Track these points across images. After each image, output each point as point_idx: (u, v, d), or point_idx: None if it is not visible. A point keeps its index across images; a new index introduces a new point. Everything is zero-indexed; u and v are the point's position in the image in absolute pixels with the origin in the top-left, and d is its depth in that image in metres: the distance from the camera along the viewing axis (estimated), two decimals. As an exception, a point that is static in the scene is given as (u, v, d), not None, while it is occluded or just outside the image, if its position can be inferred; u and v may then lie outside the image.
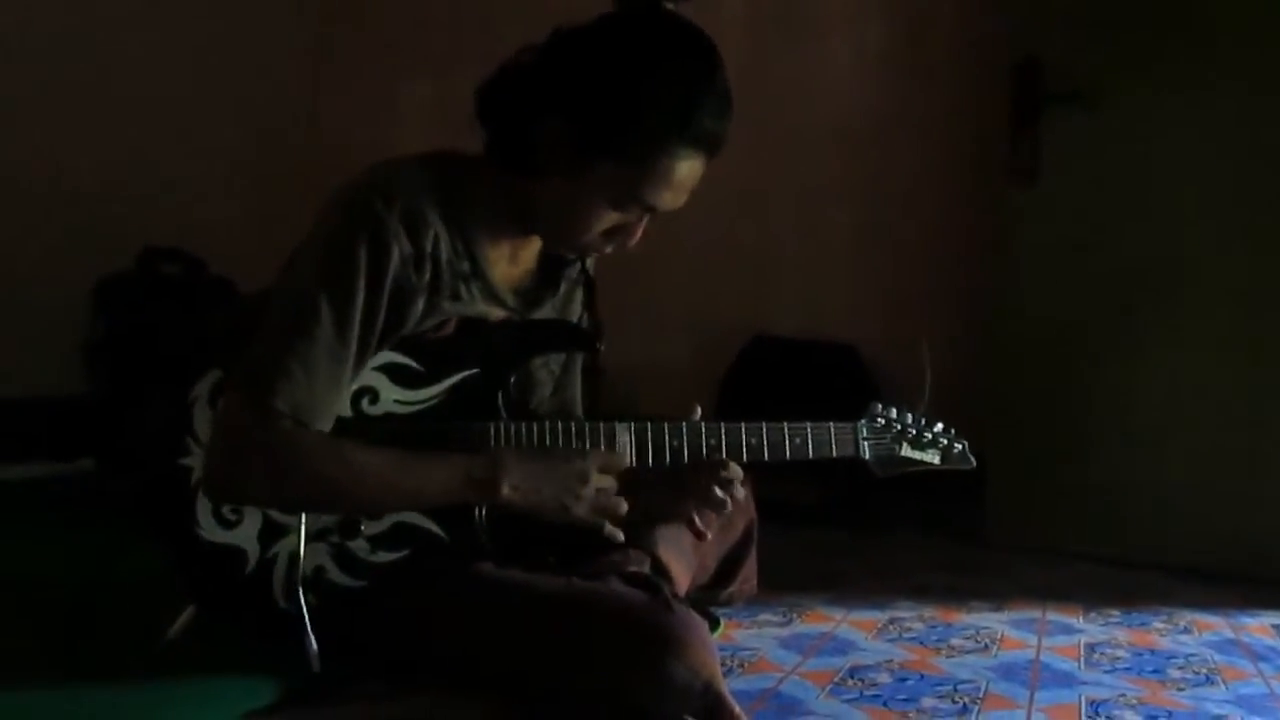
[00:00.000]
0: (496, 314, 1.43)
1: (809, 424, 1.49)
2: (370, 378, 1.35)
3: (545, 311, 1.51)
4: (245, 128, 3.68)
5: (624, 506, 1.39)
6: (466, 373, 1.38)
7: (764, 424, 1.47)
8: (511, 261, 1.47)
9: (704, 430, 1.44)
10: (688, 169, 1.32)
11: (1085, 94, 2.53)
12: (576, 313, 1.57)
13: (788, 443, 1.47)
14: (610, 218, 1.36)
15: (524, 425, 1.39)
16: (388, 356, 1.36)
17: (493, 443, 1.37)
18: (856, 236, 3.28)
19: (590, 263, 1.59)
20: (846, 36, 3.29)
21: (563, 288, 1.54)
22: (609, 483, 1.38)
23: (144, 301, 3.17)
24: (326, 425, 1.30)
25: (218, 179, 3.57)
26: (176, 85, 3.48)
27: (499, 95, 1.38)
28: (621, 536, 1.40)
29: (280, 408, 1.26)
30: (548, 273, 1.52)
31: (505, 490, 1.33)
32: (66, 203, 3.15)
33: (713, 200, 3.34)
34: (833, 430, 1.51)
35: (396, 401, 1.36)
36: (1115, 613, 2.06)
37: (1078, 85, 2.54)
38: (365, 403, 1.35)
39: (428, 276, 1.34)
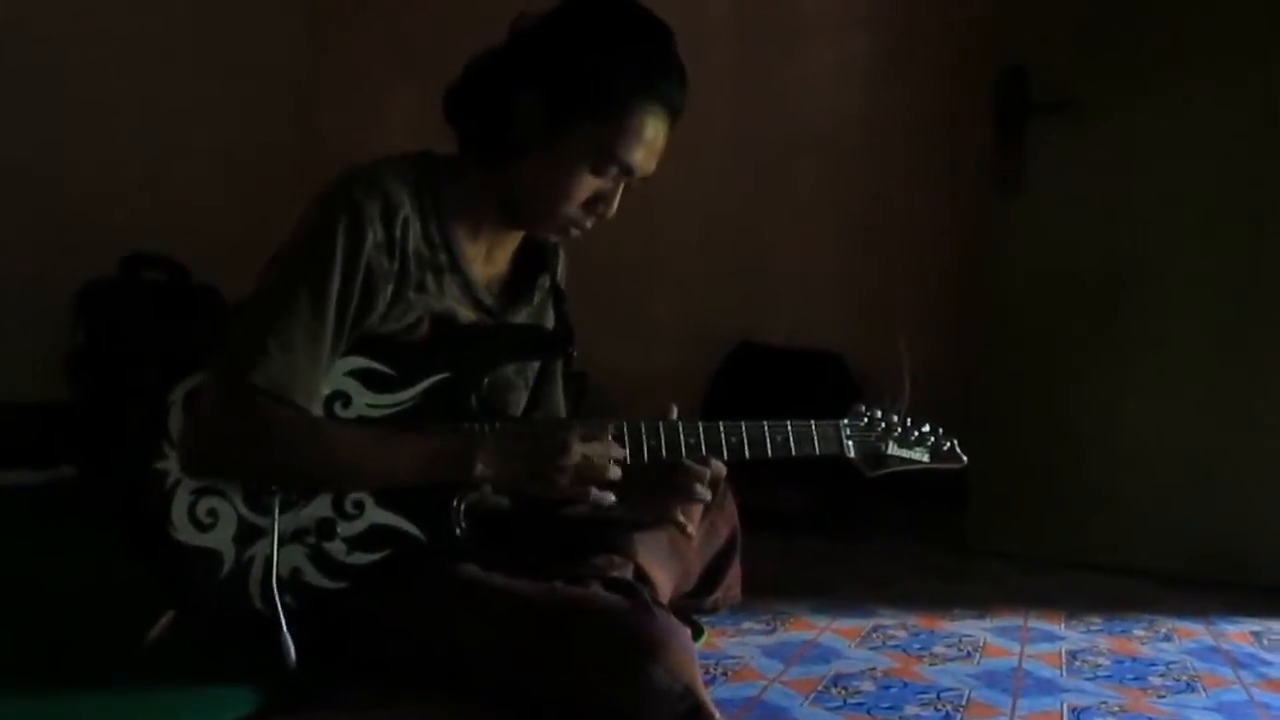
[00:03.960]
0: (466, 312, 1.45)
1: (790, 422, 1.49)
2: (342, 383, 1.36)
3: (519, 320, 1.53)
4: (233, 133, 3.67)
5: (614, 471, 1.38)
6: (438, 376, 1.38)
7: (744, 422, 1.47)
8: (487, 261, 1.49)
9: (682, 428, 1.44)
10: (654, 128, 1.38)
11: (1070, 104, 2.55)
12: (549, 322, 1.59)
13: (768, 440, 1.47)
14: (589, 184, 1.40)
15: (496, 425, 1.39)
16: (358, 361, 1.36)
17: None
18: (843, 245, 3.29)
19: (560, 274, 1.60)
20: (833, 46, 3.30)
21: (536, 298, 1.56)
22: (595, 449, 1.38)
23: (126, 308, 3.15)
24: (305, 402, 1.32)
25: (204, 185, 3.55)
26: (165, 89, 3.46)
27: (469, 88, 1.43)
28: (611, 498, 1.40)
29: (257, 383, 1.28)
30: (521, 280, 1.54)
31: (479, 466, 1.34)
32: (50, 208, 3.13)
33: (700, 208, 3.40)
34: (815, 428, 1.51)
35: (369, 405, 1.37)
36: (1097, 620, 2.06)
37: (1063, 95, 2.55)
38: (338, 407, 1.36)
39: (396, 265, 1.36)
